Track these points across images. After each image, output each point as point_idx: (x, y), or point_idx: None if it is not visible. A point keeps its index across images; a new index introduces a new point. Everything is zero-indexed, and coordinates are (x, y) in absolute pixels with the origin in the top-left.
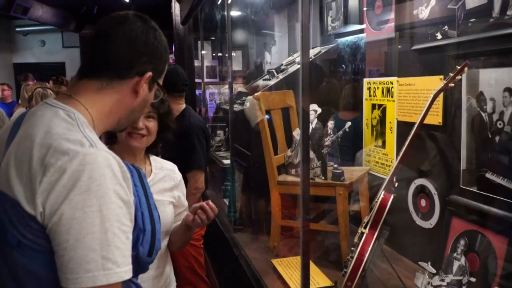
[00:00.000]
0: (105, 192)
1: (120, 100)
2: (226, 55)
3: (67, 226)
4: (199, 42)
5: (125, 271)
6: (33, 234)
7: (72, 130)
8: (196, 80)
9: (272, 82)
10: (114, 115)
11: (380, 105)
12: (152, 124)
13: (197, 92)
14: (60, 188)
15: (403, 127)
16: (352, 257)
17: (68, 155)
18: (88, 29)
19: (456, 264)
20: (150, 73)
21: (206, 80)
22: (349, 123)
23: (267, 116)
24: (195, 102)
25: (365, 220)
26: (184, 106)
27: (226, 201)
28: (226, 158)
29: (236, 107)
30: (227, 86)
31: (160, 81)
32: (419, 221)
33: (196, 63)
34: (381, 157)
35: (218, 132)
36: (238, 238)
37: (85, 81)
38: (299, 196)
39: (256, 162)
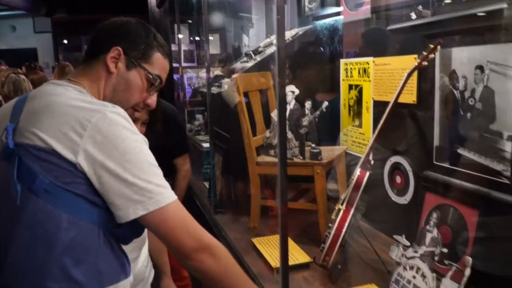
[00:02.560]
0: (137, 138)
1: (98, 77)
2: (204, 38)
3: (119, 168)
4: (176, 26)
5: (173, 193)
6: (70, 178)
7: (89, 97)
8: (174, 65)
9: (250, 64)
10: (99, 93)
11: (356, 86)
12: (143, 130)
13: (175, 76)
14: (101, 140)
15: (380, 107)
16: (329, 233)
17: (100, 113)
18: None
19: (429, 236)
20: (118, 48)
21: (183, 64)
22: (326, 103)
23: (245, 100)
24: (173, 87)
25: (342, 197)
26: None
27: (207, 184)
28: (206, 142)
29: (214, 90)
30: (205, 70)
31: (150, 68)
32: (394, 197)
33: (173, 47)
34: (358, 137)
35: (197, 116)
36: (219, 219)
37: (80, 67)
38: (277, 176)
39: (235, 144)
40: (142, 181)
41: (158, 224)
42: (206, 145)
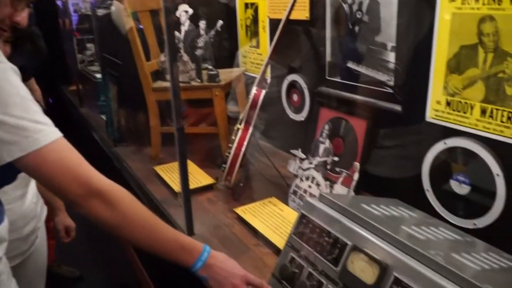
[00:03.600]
0: (3, 67)
1: None
2: None
3: None
4: None
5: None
6: None
7: None
8: None
9: None
10: None
11: (252, 4)
12: (8, 50)
13: (58, 2)
14: None
15: (276, 25)
16: (229, 153)
17: None
18: None
19: (321, 147)
20: None
21: None
22: (220, 22)
23: (140, 26)
24: (57, 13)
25: (241, 117)
26: None
27: (104, 117)
28: (99, 72)
29: (101, 12)
30: None
31: None
32: (292, 115)
33: None
34: (256, 58)
35: (89, 45)
36: (120, 152)
37: None
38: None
39: (128, 71)
40: (13, 118)
41: (38, 167)
42: (100, 75)
